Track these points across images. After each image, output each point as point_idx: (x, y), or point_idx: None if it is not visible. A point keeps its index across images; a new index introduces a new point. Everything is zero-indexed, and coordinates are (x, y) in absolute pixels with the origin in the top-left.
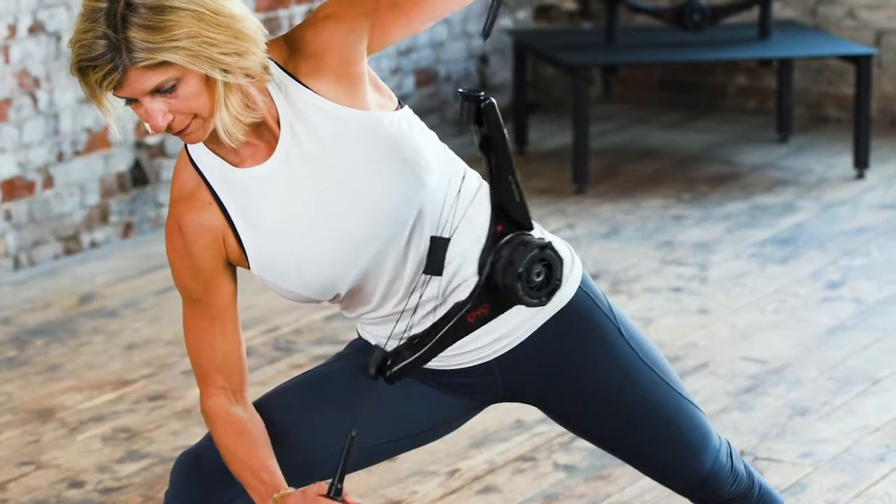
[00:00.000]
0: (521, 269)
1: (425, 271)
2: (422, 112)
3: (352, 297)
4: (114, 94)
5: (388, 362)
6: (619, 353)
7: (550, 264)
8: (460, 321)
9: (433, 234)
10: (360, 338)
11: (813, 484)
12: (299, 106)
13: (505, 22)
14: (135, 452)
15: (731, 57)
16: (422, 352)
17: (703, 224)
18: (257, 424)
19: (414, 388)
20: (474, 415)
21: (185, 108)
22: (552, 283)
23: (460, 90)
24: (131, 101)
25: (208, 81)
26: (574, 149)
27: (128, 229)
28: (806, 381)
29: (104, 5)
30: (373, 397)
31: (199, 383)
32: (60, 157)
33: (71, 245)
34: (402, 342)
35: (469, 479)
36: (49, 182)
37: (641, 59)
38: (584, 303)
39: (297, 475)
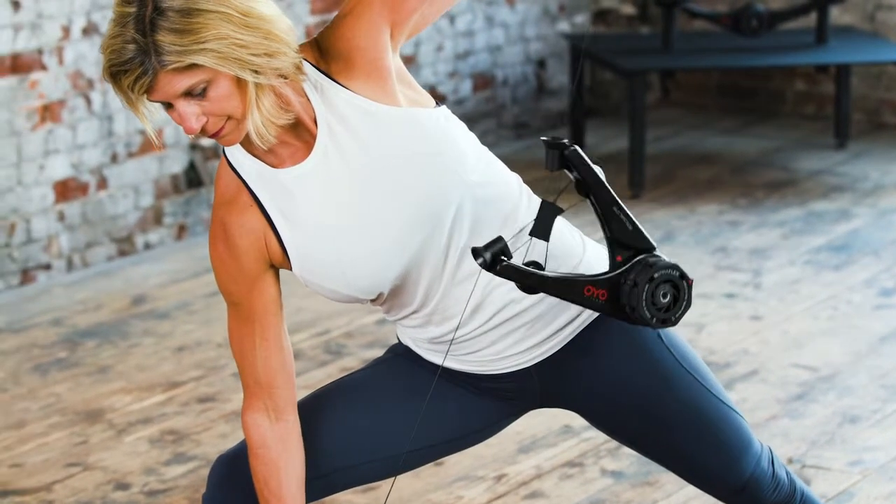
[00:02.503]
0: (655, 275)
1: (531, 233)
2: (478, 116)
3: (394, 297)
4: (147, 99)
5: (503, 257)
6: (658, 357)
7: (678, 296)
8: (575, 283)
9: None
10: (400, 342)
11: (861, 492)
12: (336, 104)
13: (562, 26)
14: (182, 455)
15: (788, 63)
16: (534, 273)
17: (759, 230)
18: (293, 455)
19: (454, 393)
20: (513, 420)
21: (218, 110)
22: (670, 313)
23: (543, 138)
24: (166, 105)
25: (240, 83)
26: (630, 154)
27: (181, 231)
28: (857, 389)
29: (133, 10)
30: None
31: (243, 392)
32: (114, 158)
33: (125, 247)
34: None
35: (516, 485)
36: (103, 183)
37: (698, 64)
38: None
39: (333, 482)
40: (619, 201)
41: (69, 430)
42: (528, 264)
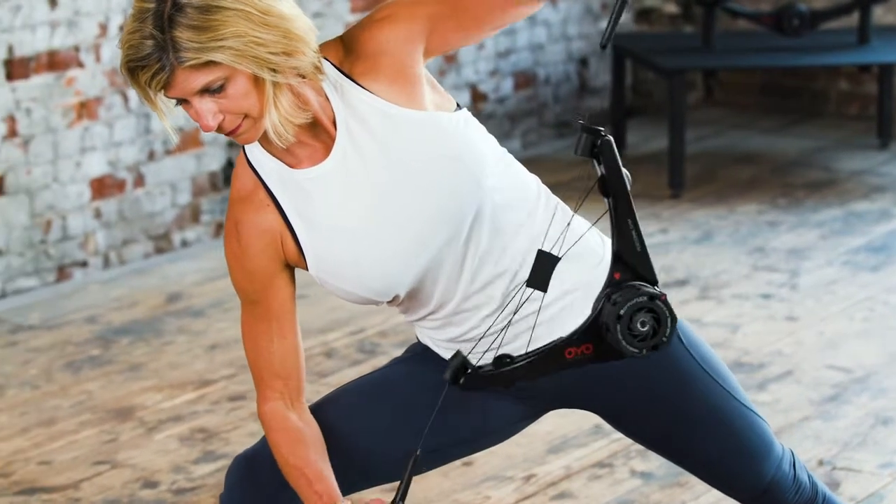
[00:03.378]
0: (622, 312)
1: (528, 284)
2: (520, 115)
3: (411, 299)
4: (164, 95)
5: (467, 370)
6: (678, 359)
7: (658, 317)
8: (556, 352)
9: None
10: (419, 342)
11: (891, 495)
12: (356, 106)
13: (605, 24)
14: (211, 453)
15: (829, 62)
16: (504, 370)
17: (797, 230)
18: (314, 432)
19: (472, 393)
20: (530, 422)
21: (235, 107)
22: (657, 337)
23: (580, 121)
24: (183, 102)
25: (257, 81)
26: (670, 153)
27: (219, 229)
28: (891, 390)
29: (152, 6)
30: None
31: (256, 387)
32: (151, 155)
33: (162, 244)
34: (485, 359)
35: (544, 485)
36: (140, 181)
37: (738, 64)
38: None
39: (351, 480)
40: (636, 216)
41: (99, 428)
42: (499, 358)
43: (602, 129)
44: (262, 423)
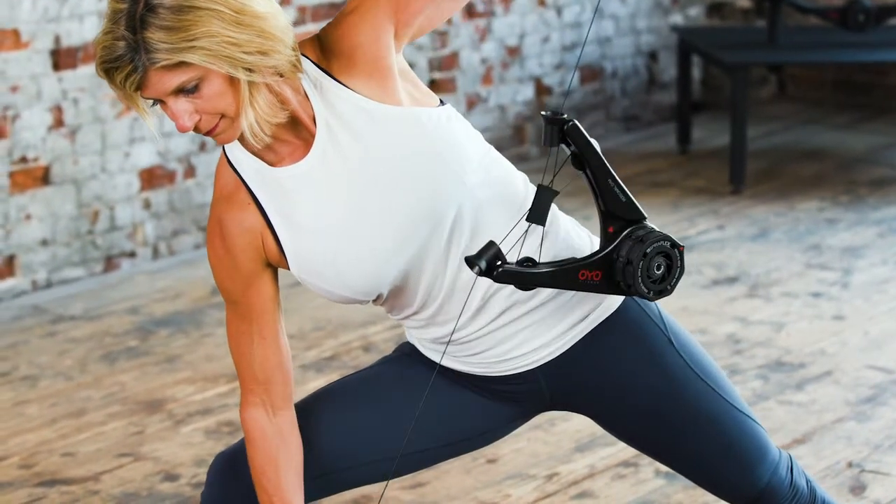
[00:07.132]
0: (648, 250)
1: (528, 219)
2: (587, 109)
3: (394, 299)
4: (140, 95)
5: (499, 262)
6: (668, 362)
7: (671, 265)
8: (570, 271)
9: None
10: (407, 342)
11: None
12: (335, 103)
13: (675, 18)
14: None
15: (891, 59)
16: (529, 272)
17: (855, 228)
18: (290, 448)
19: (460, 395)
20: (521, 423)
21: (211, 107)
22: (665, 283)
23: (543, 113)
24: (160, 102)
25: (233, 81)
26: (731, 149)
27: None
28: None
29: (125, 6)
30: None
31: (240, 389)
32: (202, 146)
33: None
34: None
35: (566, 484)
36: (190, 171)
37: (802, 59)
38: (632, 311)
39: (332, 481)
40: (614, 173)
41: (127, 420)
42: (522, 261)
43: (565, 115)
44: (243, 427)
